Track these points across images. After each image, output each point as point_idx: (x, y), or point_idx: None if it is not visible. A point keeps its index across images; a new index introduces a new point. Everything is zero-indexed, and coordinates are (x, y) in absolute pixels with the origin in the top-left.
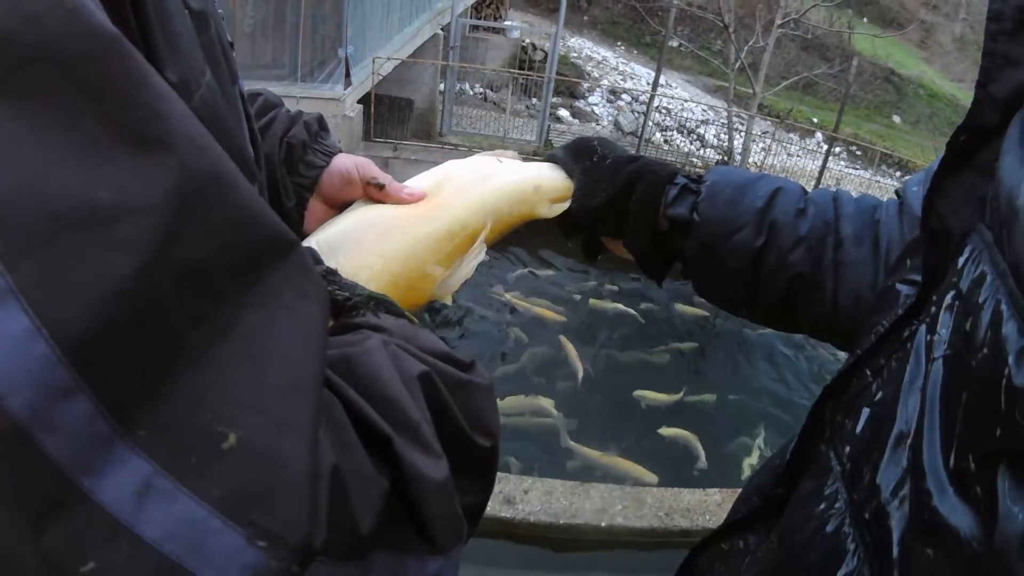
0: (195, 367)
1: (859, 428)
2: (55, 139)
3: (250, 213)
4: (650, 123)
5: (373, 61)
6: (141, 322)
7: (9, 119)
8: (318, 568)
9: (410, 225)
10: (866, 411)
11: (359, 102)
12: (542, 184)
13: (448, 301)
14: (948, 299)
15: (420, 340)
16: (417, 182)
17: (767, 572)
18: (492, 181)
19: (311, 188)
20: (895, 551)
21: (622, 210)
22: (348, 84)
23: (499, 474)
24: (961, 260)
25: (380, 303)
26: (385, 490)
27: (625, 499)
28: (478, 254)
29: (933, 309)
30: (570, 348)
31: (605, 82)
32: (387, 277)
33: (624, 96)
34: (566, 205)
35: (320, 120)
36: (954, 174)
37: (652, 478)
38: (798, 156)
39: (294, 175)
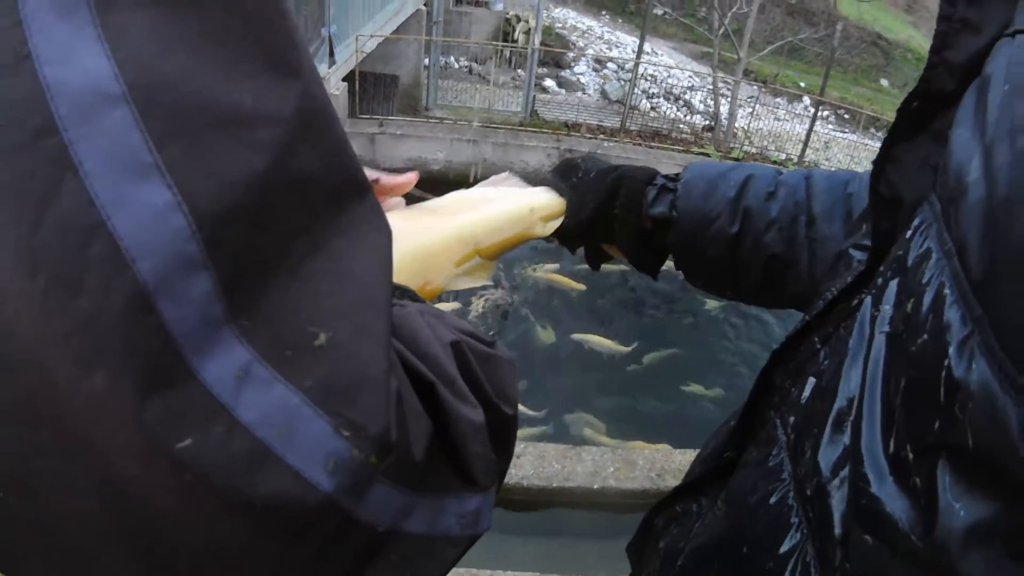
0: (293, 275)
1: (804, 397)
2: (212, 48)
3: (345, 146)
4: (636, 91)
5: (356, 39)
6: (262, 218)
7: (177, 23)
8: (378, 488)
9: (412, 240)
10: (812, 380)
11: (344, 80)
12: (536, 205)
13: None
14: (892, 273)
15: (448, 318)
16: (424, 206)
17: (714, 540)
18: (492, 204)
19: None
20: (837, 531)
21: (609, 217)
22: (332, 63)
23: None
24: (909, 231)
25: (405, 291)
26: (431, 429)
27: (617, 461)
28: (483, 270)
29: (880, 280)
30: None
31: (591, 51)
32: (406, 271)
33: (610, 65)
34: (559, 222)
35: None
36: (907, 140)
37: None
38: (786, 120)
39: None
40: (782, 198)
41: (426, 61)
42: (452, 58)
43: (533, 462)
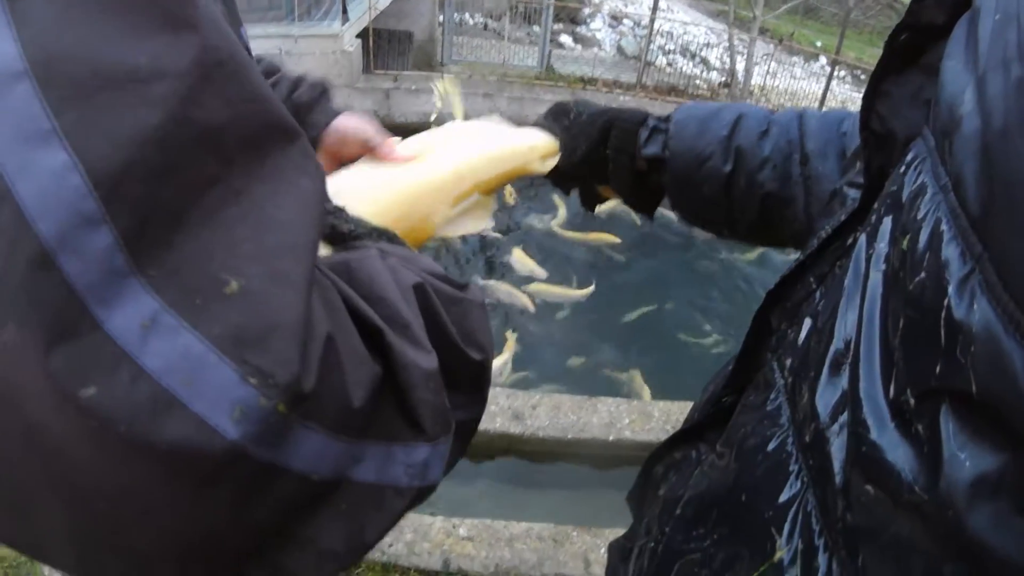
0: (206, 224)
1: (800, 339)
2: (109, 17)
3: (260, 94)
4: (653, 47)
5: None
6: (162, 170)
7: (72, 5)
8: (309, 434)
9: (411, 173)
10: (808, 321)
11: (357, 36)
12: (535, 143)
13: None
14: (886, 209)
15: (418, 261)
16: (419, 139)
17: (713, 487)
18: (491, 138)
19: (315, 144)
20: (837, 480)
21: (602, 158)
22: (345, 20)
23: (508, 390)
24: (903, 167)
25: (383, 234)
26: (377, 374)
27: (632, 413)
28: (482, 208)
29: (874, 218)
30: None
31: (607, 7)
32: (394, 211)
33: (626, 21)
34: (555, 161)
35: (325, 85)
36: (897, 74)
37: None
38: (802, 79)
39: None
40: (775, 136)
41: (440, 18)
42: (467, 14)
43: (548, 412)
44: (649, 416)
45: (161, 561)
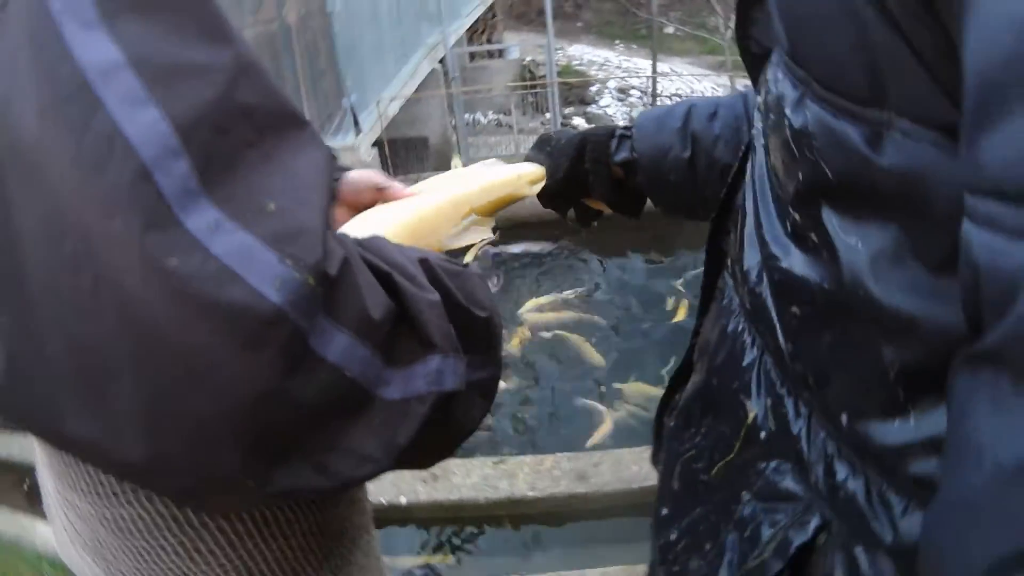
0: (251, 169)
1: (733, 237)
2: (175, 34)
3: (277, 91)
4: None
5: (378, 104)
6: (218, 127)
7: (154, 24)
8: (337, 333)
9: (416, 205)
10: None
11: (373, 146)
12: (522, 171)
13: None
14: (759, 96)
15: (422, 251)
16: (424, 182)
17: (693, 390)
18: (484, 173)
19: (332, 197)
20: (777, 325)
21: (582, 172)
22: (359, 131)
23: (569, 453)
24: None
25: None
26: (389, 304)
27: None
28: (481, 224)
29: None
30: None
31: (612, 82)
32: (404, 233)
33: (633, 92)
34: (542, 184)
35: (330, 149)
36: (759, 2)
37: None
38: None
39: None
40: (722, 116)
41: (452, 121)
42: (479, 114)
43: (611, 468)
44: None
45: (221, 431)
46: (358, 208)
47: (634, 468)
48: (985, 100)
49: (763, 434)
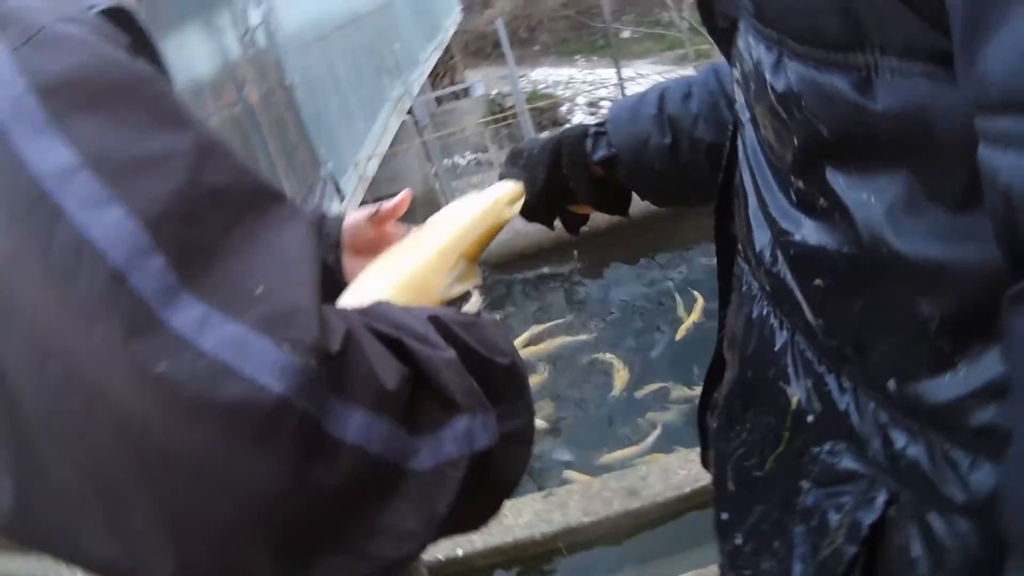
0: (235, 255)
1: (739, 220)
2: (129, 127)
3: (246, 167)
4: None
5: (356, 167)
6: (189, 216)
7: (107, 118)
8: (351, 411)
9: (404, 269)
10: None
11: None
12: (498, 196)
13: None
14: (735, 70)
15: (429, 309)
16: (408, 238)
17: (732, 386)
18: (461, 212)
19: (339, 245)
20: (802, 302)
21: (562, 179)
22: (342, 197)
23: (615, 472)
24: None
25: None
26: (403, 370)
27: None
28: (470, 271)
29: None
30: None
31: (580, 98)
32: (400, 294)
33: (603, 103)
34: (522, 201)
35: (319, 210)
36: None
37: None
38: None
39: (321, 242)
40: (697, 95)
41: (432, 169)
42: (456, 156)
43: (660, 477)
44: None
45: (246, 536)
46: (361, 250)
47: (682, 473)
48: (977, 11)
49: (810, 417)
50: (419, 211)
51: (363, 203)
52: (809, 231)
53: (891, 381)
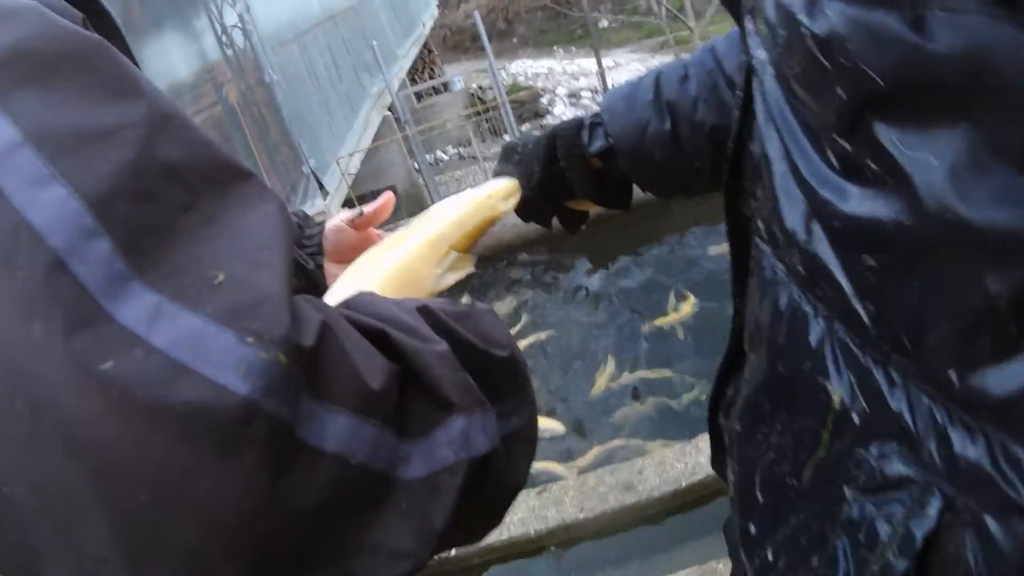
0: (189, 239)
1: (759, 196)
2: (77, 99)
3: (206, 141)
4: None
5: (338, 163)
6: (141, 195)
7: (53, 92)
8: (333, 416)
9: (386, 264)
10: (757, 178)
11: (344, 206)
12: (492, 190)
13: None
14: (748, 24)
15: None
16: (397, 232)
17: (755, 382)
18: (452, 206)
19: (320, 252)
20: (845, 284)
21: (559, 173)
22: (325, 194)
23: (613, 465)
24: None
25: None
26: (391, 367)
27: None
28: (463, 261)
29: (747, 46)
30: None
31: (560, 89)
32: (389, 287)
33: (583, 93)
34: (518, 197)
35: (302, 211)
36: None
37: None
38: None
39: (301, 248)
40: (695, 76)
41: (415, 164)
42: (438, 151)
43: (656, 471)
44: None
45: (214, 558)
46: (343, 259)
47: (679, 466)
48: None
49: (855, 417)
50: (403, 207)
51: (345, 204)
52: (857, 201)
53: (951, 371)
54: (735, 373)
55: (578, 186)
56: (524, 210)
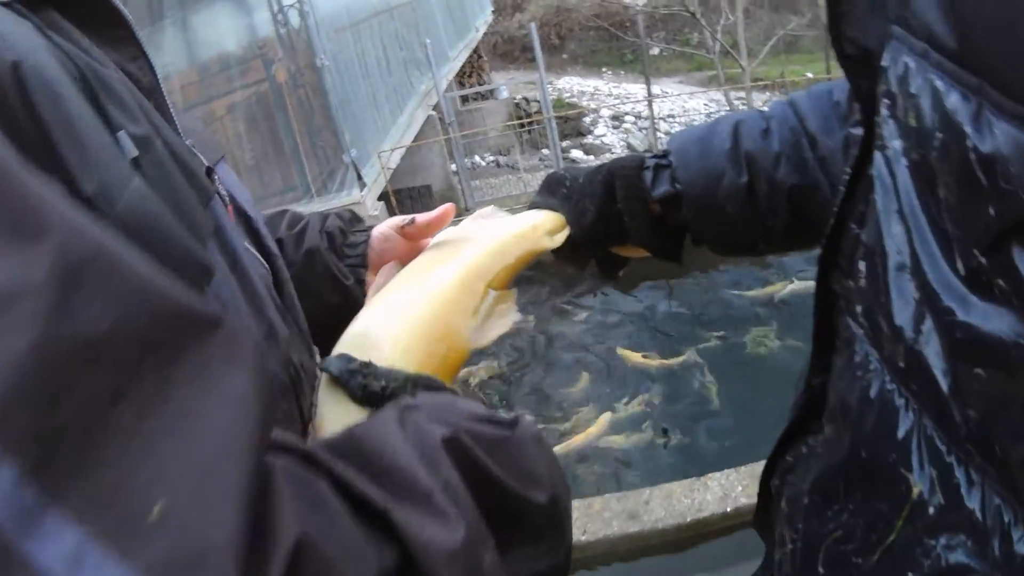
0: (120, 448)
1: (862, 282)
2: None
3: (151, 286)
4: (660, 133)
5: (379, 156)
6: (48, 393)
7: None
8: None
9: (422, 302)
10: (863, 263)
11: (379, 199)
12: (536, 221)
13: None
14: (885, 110)
15: (456, 407)
16: (419, 261)
17: (832, 461)
18: (488, 233)
19: (363, 264)
20: (945, 386)
21: (615, 214)
22: (363, 186)
23: (618, 493)
24: (884, 67)
25: (418, 383)
26: (385, 566)
27: (743, 479)
28: (503, 303)
29: (879, 129)
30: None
31: (605, 111)
32: (420, 345)
33: (627, 117)
34: (566, 233)
35: (351, 212)
36: None
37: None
38: None
39: (343, 258)
40: (776, 130)
41: (452, 166)
42: (476, 156)
43: (662, 503)
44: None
45: None
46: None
47: (686, 501)
48: None
49: (931, 510)
50: (440, 204)
51: (381, 197)
52: (980, 315)
53: None
54: (794, 442)
55: (635, 231)
56: (567, 250)
